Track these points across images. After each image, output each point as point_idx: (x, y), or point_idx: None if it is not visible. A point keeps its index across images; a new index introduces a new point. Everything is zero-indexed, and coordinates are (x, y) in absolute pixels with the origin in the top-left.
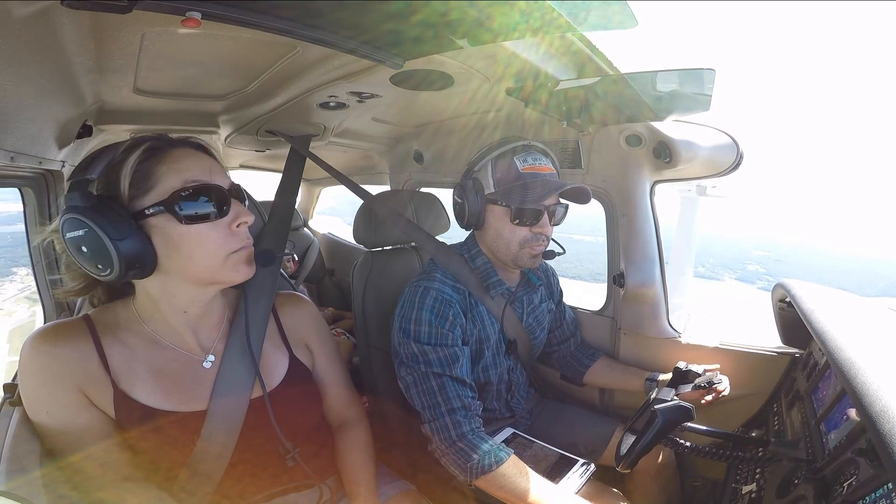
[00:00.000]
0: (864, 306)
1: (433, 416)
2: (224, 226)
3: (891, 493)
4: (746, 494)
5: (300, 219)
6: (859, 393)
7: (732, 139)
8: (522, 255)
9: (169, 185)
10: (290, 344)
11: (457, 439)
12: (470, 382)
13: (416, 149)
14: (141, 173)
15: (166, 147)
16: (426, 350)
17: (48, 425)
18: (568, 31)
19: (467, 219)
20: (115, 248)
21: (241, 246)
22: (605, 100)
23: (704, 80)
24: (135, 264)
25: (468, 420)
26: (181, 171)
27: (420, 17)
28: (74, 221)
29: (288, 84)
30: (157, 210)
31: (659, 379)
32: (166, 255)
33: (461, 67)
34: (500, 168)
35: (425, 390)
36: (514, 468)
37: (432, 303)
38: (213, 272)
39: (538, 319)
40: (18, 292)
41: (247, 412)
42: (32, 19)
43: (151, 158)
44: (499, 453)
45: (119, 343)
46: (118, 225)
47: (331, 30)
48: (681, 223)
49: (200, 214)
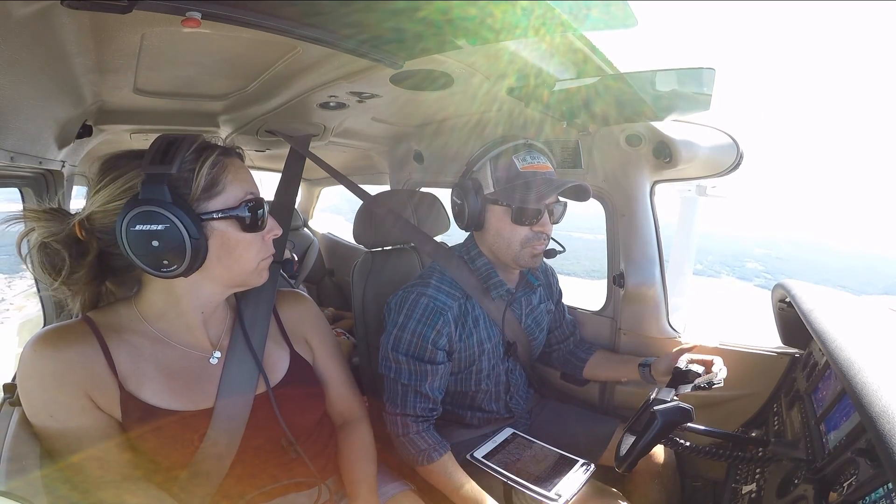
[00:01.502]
0: (864, 306)
1: (391, 410)
2: (261, 236)
3: (891, 493)
4: (746, 494)
5: (300, 219)
6: (859, 393)
7: (732, 139)
8: (524, 255)
9: (235, 193)
10: (290, 341)
11: (402, 435)
12: (433, 397)
13: (416, 149)
14: (212, 178)
15: (227, 155)
16: (400, 360)
17: (50, 428)
18: (568, 30)
19: (467, 220)
20: (192, 246)
21: (269, 254)
22: (605, 99)
23: (704, 79)
24: (196, 263)
25: (417, 423)
26: (242, 182)
27: (420, 16)
28: (154, 215)
29: (288, 84)
30: (223, 215)
31: (651, 363)
32: (217, 256)
33: (461, 67)
34: (499, 167)
35: (391, 390)
36: (441, 468)
37: (422, 311)
38: (245, 276)
39: (537, 320)
40: (28, 288)
41: (251, 410)
42: (32, 19)
43: (219, 164)
44: (431, 454)
45: (125, 344)
46: (195, 223)
47: (331, 30)
48: (681, 223)
49: (256, 224)
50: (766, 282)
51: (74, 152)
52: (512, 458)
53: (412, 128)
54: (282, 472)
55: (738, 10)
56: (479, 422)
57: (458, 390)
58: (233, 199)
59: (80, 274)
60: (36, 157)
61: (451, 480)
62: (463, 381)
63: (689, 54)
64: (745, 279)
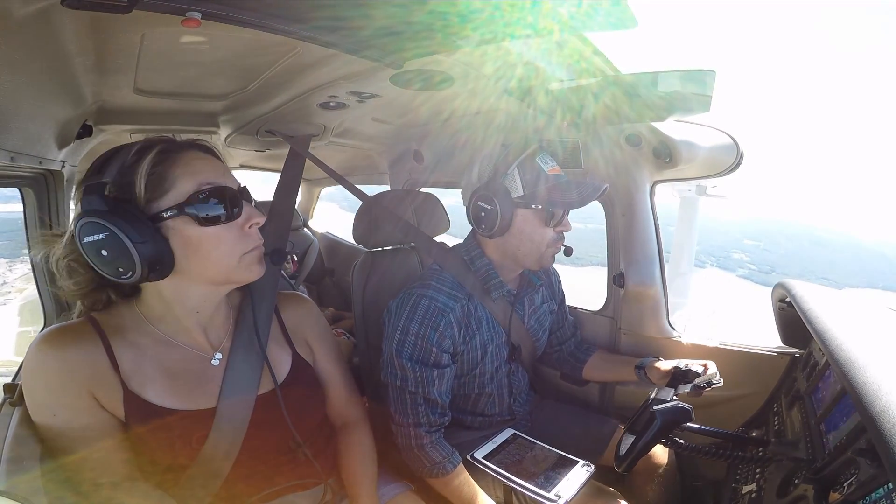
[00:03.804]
0: (864, 306)
1: (400, 422)
2: (237, 227)
3: (891, 493)
4: (746, 494)
5: (300, 219)
6: (859, 392)
7: (732, 139)
8: (547, 255)
9: (184, 187)
10: (292, 342)
11: (415, 448)
12: (442, 402)
13: (416, 149)
14: (156, 176)
15: (177, 150)
16: (405, 367)
17: (53, 427)
18: (568, 31)
19: (498, 224)
20: (136, 251)
21: (253, 246)
22: (605, 99)
23: (705, 80)
24: (155, 266)
25: (429, 433)
26: (195, 173)
27: (420, 16)
28: (93, 225)
29: (288, 84)
30: (174, 213)
31: (646, 365)
32: (184, 256)
33: (461, 67)
34: (528, 171)
35: (399, 399)
36: (457, 479)
37: (424, 312)
38: (229, 272)
39: (540, 321)
40: (28, 271)
41: (253, 410)
42: (32, 19)
43: (165, 161)
44: (446, 466)
45: (128, 344)
46: (138, 227)
47: (331, 30)
48: (680, 223)
49: (216, 216)
50: (748, 272)
51: (74, 152)
52: (512, 458)
53: (412, 128)
54: (284, 472)
55: (737, 11)
56: (481, 424)
57: (461, 394)
58: (182, 194)
59: (83, 281)
60: (36, 157)
61: (464, 491)
62: (466, 385)
63: (688, 54)
64: (727, 269)
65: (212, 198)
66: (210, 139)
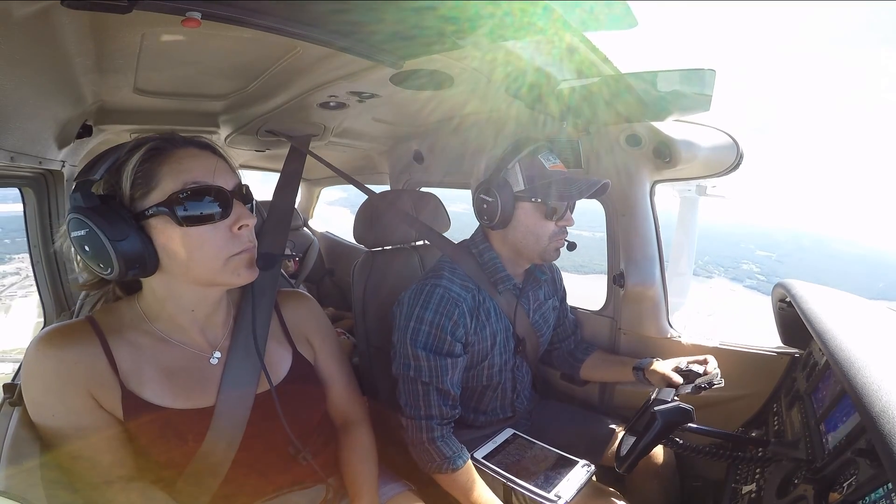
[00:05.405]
0: (864, 306)
1: (411, 415)
2: (225, 228)
3: (891, 493)
4: (746, 494)
5: (300, 219)
6: (859, 393)
7: (732, 139)
8: (550, 249)
9: (168, 186)
10: (293, 340)
11: (426, 441)
12: (454, 393)
13: (416, 149)
14: (143, 174)
15: (170, 147)
16: (419, 356)
17: (52, 427)
18: (568, 31)
19: (499, 216)
20: (113, 248)
21: (241, 249)
22: (605, 100)
23: (705, 80)
24: (134, 264)
25: (440, 426)
26: (182, 172)
27: (420, 16)
28: (77, 221)
29: (288, 84)
30: (156, 211)
31: (644, 367)
32: (166, 256)
33: (461, 67)
34: (529, 166)
35: (410, 391)
36: (465, 476)
37: (438, 301)
38: (213, 275)
39: (544, 316)
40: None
41: (252, 408)
42: (32, 19)
43: (154, 159)
44: (456, 461)
45: (126, 343)
46: (118, 225)
47: (331, 30)
48: (680, 223)
49: (199, 216)
50: (758, 283)
51: (74, 152)
52: (512, 458)
53: (412, 128)
54: (284, 470)
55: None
56: (482, 423)
57: (467, 387)
58: (165, 192)
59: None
60: (36, 157)
61: (472, 488)
62: (475, 378)
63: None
64: (737, 280)
65: (195, 197)
66: (210, 139)
